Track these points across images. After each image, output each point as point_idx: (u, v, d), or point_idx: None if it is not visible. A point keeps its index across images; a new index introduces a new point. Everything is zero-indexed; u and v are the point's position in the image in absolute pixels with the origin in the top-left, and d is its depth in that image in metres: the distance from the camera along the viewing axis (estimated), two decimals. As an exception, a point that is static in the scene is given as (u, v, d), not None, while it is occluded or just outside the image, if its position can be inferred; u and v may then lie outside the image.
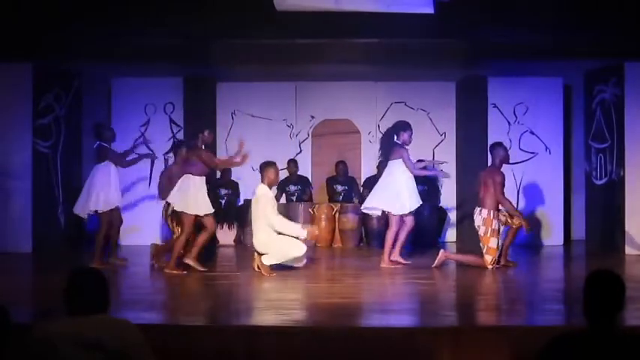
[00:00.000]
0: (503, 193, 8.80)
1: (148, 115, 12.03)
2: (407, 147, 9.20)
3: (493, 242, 8.78)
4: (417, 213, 11.95)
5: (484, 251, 8.79)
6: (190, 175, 8.63)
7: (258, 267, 8.44)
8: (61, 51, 10.34)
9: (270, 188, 8.73)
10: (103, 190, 9.16)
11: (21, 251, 10.34)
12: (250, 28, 9.54)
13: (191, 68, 11.84)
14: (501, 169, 8.94)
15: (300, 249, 8.46)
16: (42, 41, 9.80)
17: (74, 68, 11.58)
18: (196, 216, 8.62)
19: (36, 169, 10.72)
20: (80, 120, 11.89)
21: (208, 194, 8.88)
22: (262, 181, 8.67)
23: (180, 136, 12.10)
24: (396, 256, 9.23)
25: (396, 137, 9.18)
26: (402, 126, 9.28)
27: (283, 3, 8.89)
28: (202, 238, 8.61)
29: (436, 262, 8.97)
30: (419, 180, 12.26)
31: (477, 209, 8.91)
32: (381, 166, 9.51)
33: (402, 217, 9.17)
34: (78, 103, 11.81)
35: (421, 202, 9.30)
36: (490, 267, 8.74)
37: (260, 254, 8.48)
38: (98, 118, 12.15)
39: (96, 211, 9.25)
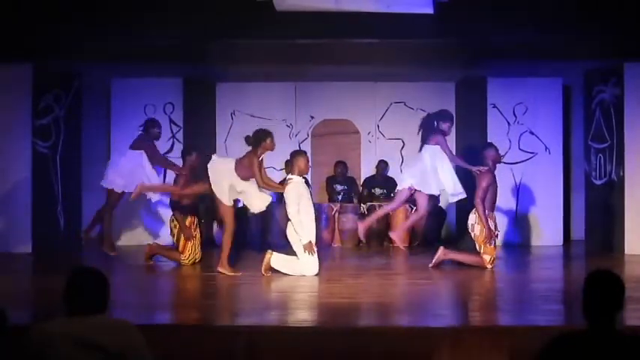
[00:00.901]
0: (482, 198, 8.80)
1: (147, 115, 11.98)
2: (445, 136, 9.22)
3: (490, 242, 8.79)
4: (416, 212, 12.00)
5: (481, 251, 8.80)
6: None
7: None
8: (60, 52, 10.35)
9: (302, 177, 8.63)
10: (121, 172, 9.75)
11: (21, 251, 10.33)
12: (250, 28, 9.55)
13: (191, 68, 11.84)
14: (494, 171, 8.94)
15: (312, 270, 8.41)
16: (42, 42, 9.81)
17: (74, 69, 11.58)
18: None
19: (36, 169, 10.71)
20: (80, 120, 11.89)
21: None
22: (292, 172, 8.60)
23: (179, 136, 12.09)
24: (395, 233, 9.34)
25: (436, 124, 9.20)
26: (445, 115, 9.33)
27: (283, 3, 8.89)
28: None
29: (434, 260, 8.97)
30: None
31: (474, 209, 8.92)
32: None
33: (428, 198, 9.24)
34: (78, 104, 11.80)
35: (459, 191, 9.32)
36: (489, 267, 8.75)
37: (271, 253, 8.46)
38: (98, 118, 12.16)
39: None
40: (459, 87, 12.59)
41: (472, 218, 8.88)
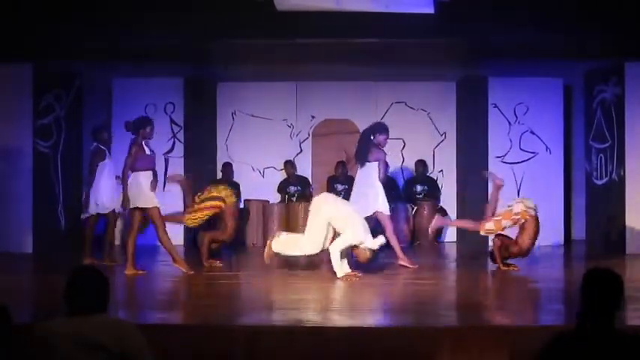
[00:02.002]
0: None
1: (148, 115, 12.01)
2: (382, 149, 9.11)
3: (501, 223, 8.72)
4: (417, 212, 12.02)
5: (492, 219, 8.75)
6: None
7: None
8: (61, 52, 10.35)
9: None
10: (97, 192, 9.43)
11: (21, 251, 10.34)
12: (251, 28, 9.54)
13: (191, 68, 11.85)
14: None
15: (314, 249, 8.30)
16: (42, 42, 9.80)
17: (75, 68, 11.58)
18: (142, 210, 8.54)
19: (36, 169, 10.72)
20: (81, 120, 11.90)
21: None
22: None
23: (180, 136, 12.11)
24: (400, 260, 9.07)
25: (372, 137, 9.11)
26: (379, 128, 9.18)
27: (284, 3, 8.88)
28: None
29: (432, 226, 9.06)
30: (419, 179, 12.32)
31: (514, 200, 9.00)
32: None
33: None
34: (78, 103, 11.81)
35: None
36: (483, 232, 8.75)
37: (272, 238, 8.41)
38: (99, 118, 12.15)
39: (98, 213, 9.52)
40: (459, 87, 12.59)
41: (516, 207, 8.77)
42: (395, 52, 10.51)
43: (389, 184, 12.37)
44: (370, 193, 9.05)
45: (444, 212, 12.27)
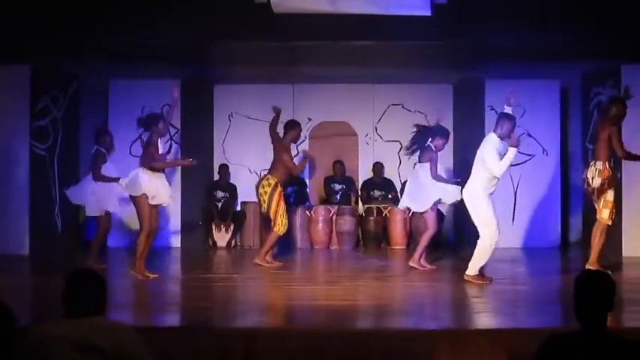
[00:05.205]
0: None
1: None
2: (437, 152, 9.23)
3: (611, 195, 8.71)
4: (414, 214, 12.01)
5: (600, 206, 8.74)
6: None
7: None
8: (58, 53, 10.35)
9: None
10: (96, 194, 9.42)
11: (18, 253, 10.32)
12: (248, 30, 9.56)
13: (188, 70, 11.84)
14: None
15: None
16: (39, 43, 9.81)
17: (72, 70, 11.57)
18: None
19: (33, 171, 10.70)
20: (77, 122, 11.89)
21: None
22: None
23: (177, 138, 12.09)
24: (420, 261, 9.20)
25: (430, 140, 9.19)
26: (439, 131, 9.31)
27: (281, 5, 8.89)
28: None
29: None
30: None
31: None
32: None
33: (436, 215, 9.27)
34: (75, 105, 11.80)
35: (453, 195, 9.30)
36: (610, 223, 8.73)
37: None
38: (95, 120, 12.14)
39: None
40: (456, 89, 12.59)
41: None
42: (392, 54, 10.53)
43: (387, 185, 12.42)
44: (423, 191, 9.18)
45: (441, 214, 12.26)
